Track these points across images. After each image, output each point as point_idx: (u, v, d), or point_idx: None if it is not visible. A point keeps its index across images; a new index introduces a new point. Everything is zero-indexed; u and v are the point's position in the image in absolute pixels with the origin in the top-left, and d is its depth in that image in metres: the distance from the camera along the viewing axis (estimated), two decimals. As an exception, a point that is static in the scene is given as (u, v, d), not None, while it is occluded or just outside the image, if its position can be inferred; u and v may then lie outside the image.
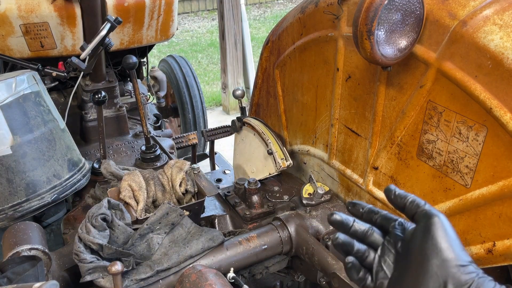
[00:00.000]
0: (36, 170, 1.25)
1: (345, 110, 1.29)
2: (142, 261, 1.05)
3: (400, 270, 0.65)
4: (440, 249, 0.60)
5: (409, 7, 0.95)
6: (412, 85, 1.04)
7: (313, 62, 1.38)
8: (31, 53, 1.79)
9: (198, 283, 0.94)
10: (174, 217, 1.11)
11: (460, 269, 0.58)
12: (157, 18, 2.02)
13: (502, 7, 0.89)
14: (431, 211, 0.63)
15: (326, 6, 1.25)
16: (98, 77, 1.96)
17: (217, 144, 2.00)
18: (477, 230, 0.97)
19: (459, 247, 0.60)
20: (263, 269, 1.22)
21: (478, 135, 0.92)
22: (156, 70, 3.13)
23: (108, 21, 1.41)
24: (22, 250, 0.96)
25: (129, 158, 1.86)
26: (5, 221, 1.21)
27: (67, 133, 1.43)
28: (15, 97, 1.24)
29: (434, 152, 1.02)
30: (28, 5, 1.68)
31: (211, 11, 8.67)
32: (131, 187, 1.20)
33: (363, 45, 0.96)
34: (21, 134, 1.24)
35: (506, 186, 0.88)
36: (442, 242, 0.60)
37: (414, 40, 0.99)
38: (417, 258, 0.62)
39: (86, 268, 0.95)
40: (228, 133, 1.75)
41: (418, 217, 0.63)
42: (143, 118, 1.63)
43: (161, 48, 6.75)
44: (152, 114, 2.55)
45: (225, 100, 4.72)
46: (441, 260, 0.59)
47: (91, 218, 1.01)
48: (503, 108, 0.85)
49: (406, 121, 1.07)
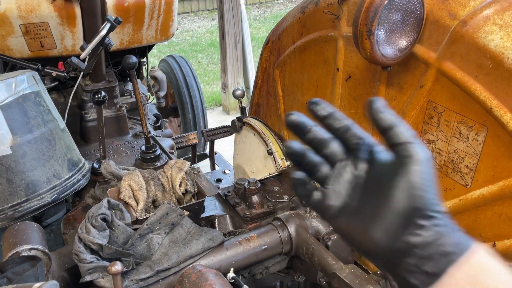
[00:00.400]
0: (36, 170, 1.25)
1: (345, 110, 1.29)
2: (142, 261, 1.05)
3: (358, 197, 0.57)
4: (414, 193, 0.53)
5: (409, 7, 0.95)
6: (412, 85, 1.04)
7: (313, 62, 1.38)
8: (31, 53, 1.79)
9: (198, 283, 0.94)
10: (174, 217, 1.11)
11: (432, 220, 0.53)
12: (157, 18, 2.02)
13: (502, 7, 0.89)
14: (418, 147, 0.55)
15: (326, 6, 1.24)
16: (98, 77, 1.96)
17: (217, 144, 2.00)
18: (477, 230, 0.97)
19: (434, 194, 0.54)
20: (263, 269, 1.22)
21: (478, 135, 0.91)
22: (156, 70, 3.13)
23: (108, 21, 1.41)
24: (22, 250, 0.96)
25: (129, 158, 1.86)
26: (5, 221, 1.21)
27: (67, 133, 1.43)
28: (15, 97, 1.23)
29: (435, 152, 1.02)
30: (28, 5, 1.67)
31: (211, 11, 8.67)
32: (131, 187, 1.20)
33: (363, 45, 0.96)
34: (21, 134, 1.23)
35: (506, 186, 0.88)
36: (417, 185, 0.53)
37: (414, 40, 0.98)
38: (384, 192, 0.55)
39: (86, 268, 0.95)
40: (228, 133, 1.75)
41: (401, 149, 0.55)
42: (143, 118, 1.63)
43: (161, 48, 6.75)
44: (152, 114, 2.55)
45: (225, 100, 4.72)
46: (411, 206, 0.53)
47: (91, 218, 1.01)
48: (503, 108, 0.85)
49: (406, 121, 1.07)
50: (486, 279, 0.51)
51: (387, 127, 0.57)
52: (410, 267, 0.54)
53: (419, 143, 0.56)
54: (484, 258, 0.53)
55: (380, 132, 0.58)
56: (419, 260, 0.53)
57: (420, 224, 0.54)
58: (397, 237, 0.54)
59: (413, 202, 0.54)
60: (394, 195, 0.55)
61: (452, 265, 0.52)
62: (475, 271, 0.52)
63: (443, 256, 0.53)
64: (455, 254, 0.53)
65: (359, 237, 0.57)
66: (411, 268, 0.54)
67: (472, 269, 0.52)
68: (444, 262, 0.53)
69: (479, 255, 0.53)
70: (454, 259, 0.53)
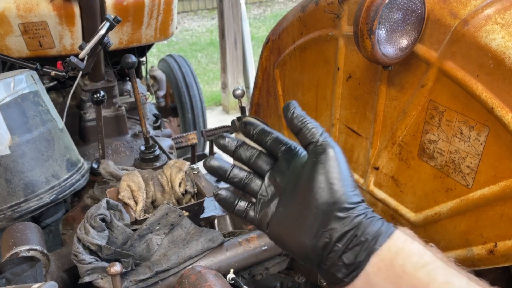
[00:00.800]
0: (34, 170, 1.25)
1: (346, 109, 1.28)
2: (141, 262, 1.04)
3: (283, 205, 0.59)
4: (329, 189, 0.54)
5: (410, 6, 0.94)
6: (413, 84, 1.04)
7: (313, 61, 1.37)
8: (30, 52, 1.78)
9: (197, 284, 0.93)
10: (174, 218, 1.10)
11: (349, 211, 0.54)
12: (157, 17, 2.01)
13: (504, 6, 0.89)
14: (327, 143, 0.57)
15: (326, 5, 1.24)
16: (97, 77, 1.95)
17: (217, 144, 1.99)
18: (478, 231, 0.96)
19: (350, 186, 0.55)
20: (263, 270, 1.21)
21: (480, 135, 0.91)
22: (155, 70, 3.12)
23: (107, 20, 1.40)
24: (20, 251, 0.95)
25: (128, 158, 1.86)
26: (3, 221, 1.21)
27: (66, 133, 1.43)
28: (14, 97, 1.23)
29: (436, 152, 1.02)
30: (27, 4, 1.67)
31: (211, 10, 8.67)
32: (130, 187, 1.20)
33: (364, 44, 0.96)
34: (19, 134, 1.23)
35: (507, 187, 0.88)
36: (331, 180, 0.55)
37: (415, 39, 0.98)
38: (303, 194, 0.56)
39: (85, 269, 0.95)
40: (228, 133, 1.74)
41: (312, 148, 0.57)
42: (142, 118, 1.62)
43: (161, 47, 6.75)
44: (151, 114, 2.54)
45: (225, 99, 4.71)
46: (330, 201, 0.54)
47: (90, 219, 1.00)
48: (504, 108, 0.85)
49: (407, 121, 1.07)
50: (403, 261, 0.51)
51: (298, 128, 0.59)
52: (334, 261, 0.54)
53: (329, 138, 0.58)
54: (403, 242, 0.53)
55: (294, 134, 0.60)
56: (340, 253, 0.54)
57: (338, 216, 0.54)
58: (319, 235, 0.55)
59: (330, 196, 0.55)
60: (312, 193, 0.55)
61: (374, 254, 0.53)
62: (394, 256, 0.52)
63: (362, 246, 0.53)
64: (375, 243, 0.53)
65: (289, 241, 0.58)
66: (335, 263, 0.54)
67: (391, 255, 0.52)
68: (364, 252, 0.53)
69: (399, 240, 0.53)
70: (374, 247, 0.53)
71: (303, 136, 0.59)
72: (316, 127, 0.58)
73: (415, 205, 1.09)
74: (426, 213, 1.06)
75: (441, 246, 1.05)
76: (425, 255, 0.52)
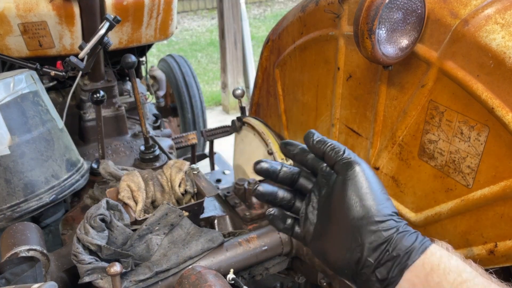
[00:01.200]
0: (34, 170, 1.24)
1: (346, 109, 1.28)
2: (141, 262, 1.04)
3: (322, 221, 0.61)
4: (359, 204, 0.55)
5: (410, 6, 0.94)
6: (413, 84, 1.04)
7: (313, 61, 1.37)
8: (29, 52, 1.78)
9: (197, 284, 0.93)
10: (173, 218, 1.10)
11: (379, 225, 0.54)
12: (156, 17, 2.01)
13: (504, 6, 0.88)
14: (351, 160, 0.58)
15: (326, 4, 1.24)
16: (97, 77, 1.95)
17: (217, 144, 1.99)
18: (479, 231, 0.96)
19: (380, 198, 0.56)
20: (263, 270, 1.21)
21: (480, 135, 0.91)
22: (155, 70, 3.12)
23: (107, 20, 1.40)
24: (20, 251, 0.95)
25: (128, 158, 1.86)
26: (3, 221, 1.21)
27: (66, 133, 1.42)
28: (13, 97, 1.23)
29: (436, 152, 1.02)
30: (27, 4, 1.67)
31: (211, 10, 8.67)
32: (130, 187, 1.19)
33: (364, 44, 0.95)
34: (19, 134, 1.23)
35: (508, 187, 0.88)
36: (361, 195, 0.56)
37: (415, 39, 0.98)
38: (337, 211, 0.58)
39: (85, 269, 0.95)
40: (227, 133, 1.74)
41: (338, 167, 0.59)
42: (142, 118, 1.62)
43: (161, 47, 6.75)
44: (151, 114, 2.54)
45: (225, 99, 4.71)
46: (360, 216, 0.55)
47: (90, 219, 1.00)
48: (505, 108, 0.85)
49: (407, 121, 1.07)
50: (439, 279, 0.51)
51: (322, 151, 0.62)
52: (367, 276, 0.55)
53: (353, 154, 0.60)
54: (439, 259, 0.52)
55: (320, 158, 0.63)
56: (373, 268, 0.54)
57: (369, 230, 0.54)
58: (352, 249, 0.56)
59: (360, 211, 0.56)
60: (344, 209, 0.57)
61: (408, 269, 0.52)
62: (429, 272, 0.52)
63: (395, 262, 0.53)
64: (408, 258, 0.53)
65: (327, 257, 0.60)
66: (368, 278, 0.55)
67: (426, 271, 0.52)
68: (397, 268, 0.53)
69: (435, 256, 0.53)
70: (408, 263, 0.53)
71: (328, 157, 0.61)
72: (338, 147, 0.61)
73: (415, 205, 1.09)
74: (426, 213, 1.06)
75: (441, 246, 1.05)
76: (464, 272, 0.51)
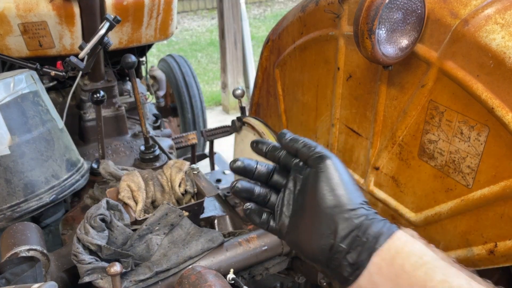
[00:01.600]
0: (34, 170, 1.24)
1: (346, 109, 1.28)
2: (141, 262, 1.04)
3: (296, 213, 0.65)
4: (331, 194, 0.59)
5: (410, 6, 0.94)
6: (413, 84, 1.04)
7: (313, 61, 1.37)
8: (29, 52, 1.78)
9: (197, 284, 0.93)
10: (173, 218, 1.10)
11: (351, 213, 0.58)
12: (156, 17, 2.01)
13: (504, 6, 0.88)
14: (323, 154, 0.62)
15: (326, 4, 1.24)
16: (97, 77, 1.95)
17: (217, 144, 1.99)
18: (479, 231, 0.96)
19: (351, 189, 0.60)
20: (263, 270, 1.21)
21: (480, 135, 0.91)
22: (155, 70, 3.12)
23: (107, 20, 1.40)
24: (20, 251, 0.95)
25: (128, 158, 1.86)
26: (3, 221, 1.21)
27: (66, 133, 1.42)
28: (13, 97, 1.23)
29: (436, 152, 1.02)
30: (27, 4, 1.67)
31: (211, 10, 8.66)
32: (130, 187, 1.19)
33: (364, 44, 0.96)
34: (19, 134, 1.23)
35: (507, 187, 0.88)
36: (333, 186, 0.60)
37: (415, 39, 0.98)
38: (310, 202, 0.62)
39: (85, 269, 0.95)
40: (227, 133, 1.74)
41: (310, 161, 0.63)
42: (142, 118, 1.62)
43: (161, 47, 6.75)
44: (151, 114, 2.54)
45: (225, 99, 4.71)
46: (332, 205, 0.59)
47: (90, 219, 1.00)
48: (504, 108, 0.85)
49: (407, 121, 1.07)
50: (402, 261, 0.54)
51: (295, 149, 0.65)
52: (339, 261, 0.58)
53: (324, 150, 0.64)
54: (403, 243, 0.56)
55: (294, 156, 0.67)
56: (345, 253, 0.58)
57: (341, 218, 0.58)
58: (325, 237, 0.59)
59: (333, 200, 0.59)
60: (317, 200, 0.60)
61: (375, 253, 0.56)
62: (394, 255, 0.55)
63: (364, 246, 0.57)
64: (376, 243, 0.56)
65: (302, 247, 0.63)
66: (340, 262, 0.58)
67: (391, 254, 0.55)
68: (366, 252, 0.57)
69: (400, 241, 0.56)
70: (376, 247, 0.56)
71: (301, 153, 0.65)
72: (310, 143, 0.65)
73: (415, 205, 1.09)
74: (426, 213, 1.06)
75: (441, 246, 1.05)
76: (425, 255, 0.54)
